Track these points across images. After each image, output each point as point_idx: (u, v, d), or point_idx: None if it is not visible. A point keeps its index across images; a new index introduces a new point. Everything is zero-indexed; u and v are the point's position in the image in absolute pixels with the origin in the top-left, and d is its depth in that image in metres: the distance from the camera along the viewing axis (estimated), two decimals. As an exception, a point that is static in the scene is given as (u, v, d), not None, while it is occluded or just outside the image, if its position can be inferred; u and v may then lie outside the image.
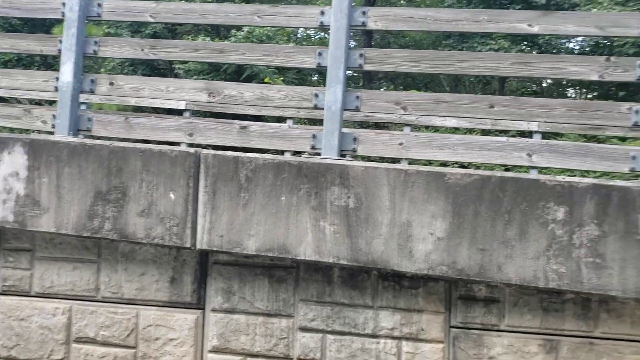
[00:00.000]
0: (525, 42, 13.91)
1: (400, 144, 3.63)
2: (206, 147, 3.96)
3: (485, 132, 8.95)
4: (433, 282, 3.39)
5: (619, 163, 3.37)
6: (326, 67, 3.60)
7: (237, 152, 3.49)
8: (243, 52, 3.93)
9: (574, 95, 16.00)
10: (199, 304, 3.66)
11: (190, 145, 3.90)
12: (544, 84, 16.50)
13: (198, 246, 3.47)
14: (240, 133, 3.79)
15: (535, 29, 3.42)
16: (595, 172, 3.97)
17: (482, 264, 3.15)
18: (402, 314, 3.42)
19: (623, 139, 8.85)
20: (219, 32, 14.06)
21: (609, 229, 3.03)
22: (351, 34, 3.74)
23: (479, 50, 12.80)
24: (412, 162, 4.18)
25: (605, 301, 3.22)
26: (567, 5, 13.81)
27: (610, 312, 3.24)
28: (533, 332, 3.30)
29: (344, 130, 3.66)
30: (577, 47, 15.61)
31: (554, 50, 14.64)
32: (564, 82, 15.77)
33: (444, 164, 5.25)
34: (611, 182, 3.11)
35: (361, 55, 3.63)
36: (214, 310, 3.62)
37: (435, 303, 3.40)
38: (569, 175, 3.66)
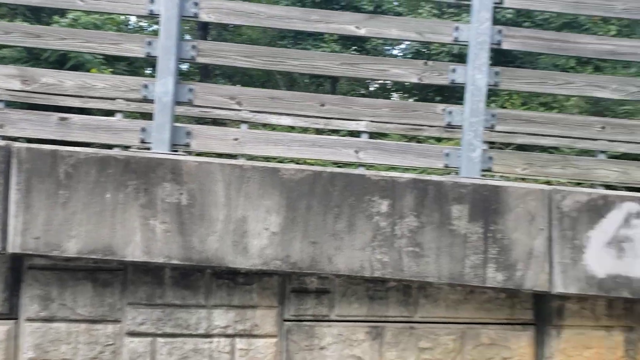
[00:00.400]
0: (354, 47, 14.66)
1: (236, 139, 3.59)
2: (22, 140, 3.58)
3: (319, 131, 9.28)
4: (267, 277, 3.41)
5: (435, 160, 3.68)
6: (156, 57, 3.45)
7: (56, 146, 3.20)
8: (63, 38, 3.61)
9: (398, 98, 17.20)
10: (11, 313, 3.29)
11: (3, 138, 3.50)
12: (372, 88, 17.54)
13: (10, 250, 3.11)
14: (60, 125, 3.48)
15: (362, 31, 3.60)
16: (415, 168, 4.29)
17: (314, 257, 3.23)
18: (237, 311, 3.39)
19: (439, 140, 9.71)
20: (39, 18, 12.87)
21: (426, 220, 3.29)
22: (186, 28, 3.62)
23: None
24: (248, 158, 4.17)
25: (423, 287, 3.48)
26: (392, 14, 14.82)
27: (428, 298, 3.51)
28: (360, 320, 3.47)
29: (177, 124, 3.54)
30: (401, 55, 16.82)
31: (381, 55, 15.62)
32: (389, 87, 16.91)
33: (282, 161, 5.32)
34: (428, 177, 3.37)
35: (193, 46, 3.54)
36: (29, 319, 3.28)
37: (269, 298, 3.42)
38: (392, 171, 3.91)
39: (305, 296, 3.45)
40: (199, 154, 3.80)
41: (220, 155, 5.04)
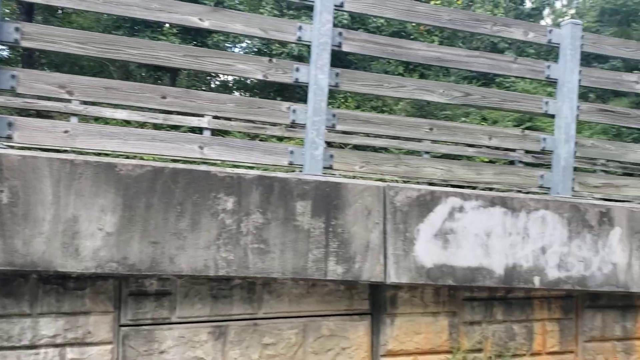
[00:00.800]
0: (195, 42, 14.32)
1: (66, 131, 3.31)
2: None
3: (157, 127, 8.92)
4: (102, 281, 3.18)
5: (280, 157, 3.72)
6: (-30, 38, 3.06)
7: None
8: None
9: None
10: None
11: None
12: (213, 85, 17.30)
13: None
14: None
15: (206, 24, 3.51)
16: (259, 166, 4.31)
17: (155, 257, 3.09)
18: (67, 318, 3.12)
19: (280, 139, 9.87)
20: None
21: (272, 217, 3.30)
22: (6, 11, 3.24)
23: (151, 45, 12.66)
24: (80, 152, 3.87)
25: (268, 283, 3.50)
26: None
27: (272, 293, 3.53)
28: (203, 321, 3.38)
29: (-4, 114, 3.17)
30: (242, 53, 16.80)
31: (223, 53, 15.40)
32: (231, 84, 16.81)
33: (118, 156, 5.00)
34: (273, 174, 3.39)
35: (17, 29, 3.18)
36: None
37: (104, 303, 3.19)
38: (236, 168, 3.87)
39: (144, 299, 3.28)
40: (23, 148, 3.44)
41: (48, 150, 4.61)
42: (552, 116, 4.42)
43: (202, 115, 8.29)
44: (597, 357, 4.27)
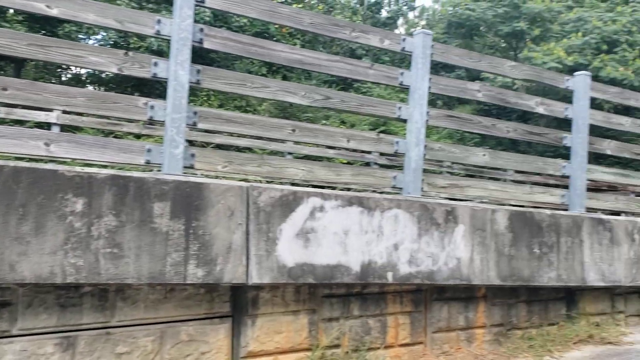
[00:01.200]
0: (44, 31, 13.27)
1: None
2: None
3: (-2, 121, 8.12)
4: None
5: (136, 155, 3.54)
6: None
7: None
8: None
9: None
10: None
11: None
12: (64, 77, 16.14)
13: None
14: None
15: (54, 12, 3.25)
16: (114, 165, 4.07)
17: (-8, 265, 2.79)
18: None
19: (138, 137, 9.46)
20: None
21: (127, 219, 3.13)
22: None
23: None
24: None
25: (122, 290, 3.32)
26: (88, 1, 13.81)
27: (126, 300, 3.35)
28: (49, 332, 3.12)
29: None
30: (96, 45, 15.83)
31: (74, 44, 14.40)
32: (84, 78, 15.79)
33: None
34: (129, 174, 3.22)
35: None
36: None
37: None
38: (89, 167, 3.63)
39: (-21, 311, 2.96)
40: None
41: None
42: (405, 121, 4.68)
43: (50, 110, 7.69)
44: (443, 346, 4.59)
